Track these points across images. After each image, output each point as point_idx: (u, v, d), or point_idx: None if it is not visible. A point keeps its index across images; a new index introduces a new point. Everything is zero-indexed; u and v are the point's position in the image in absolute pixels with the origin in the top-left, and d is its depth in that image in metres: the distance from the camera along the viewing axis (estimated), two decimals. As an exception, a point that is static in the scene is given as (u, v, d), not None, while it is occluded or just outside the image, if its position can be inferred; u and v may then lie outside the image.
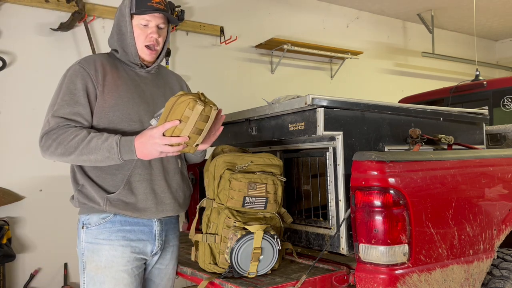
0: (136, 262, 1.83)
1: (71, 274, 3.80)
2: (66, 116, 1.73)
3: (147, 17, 1.84)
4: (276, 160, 2.02)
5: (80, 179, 1.82)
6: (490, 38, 7.82)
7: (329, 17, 5.82)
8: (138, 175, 1.80)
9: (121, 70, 1.89)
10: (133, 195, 1.79)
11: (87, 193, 1.80)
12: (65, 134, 1.70)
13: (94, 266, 1.78)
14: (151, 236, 1.87)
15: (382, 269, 1.71)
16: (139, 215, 1.81)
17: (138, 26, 1.85)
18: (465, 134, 2.51)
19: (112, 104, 1.79)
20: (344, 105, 1.98)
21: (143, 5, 1.83)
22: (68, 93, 1.76)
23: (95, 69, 1.81)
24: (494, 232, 2.01)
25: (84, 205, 1.82)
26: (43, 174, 3.72)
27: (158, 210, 1.84)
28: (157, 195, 1.84)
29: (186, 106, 1.60)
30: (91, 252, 1.79)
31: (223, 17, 4.89)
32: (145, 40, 1.86)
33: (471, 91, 4.07)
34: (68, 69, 1.84)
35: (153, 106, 1.87)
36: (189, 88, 2.17)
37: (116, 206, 1.77)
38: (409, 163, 1.81)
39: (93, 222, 1.81)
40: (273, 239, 1.85)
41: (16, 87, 3.68)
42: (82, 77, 1.78)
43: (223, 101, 4.70)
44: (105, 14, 4.08)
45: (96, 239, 1.79)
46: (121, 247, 1.79)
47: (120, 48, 1.89)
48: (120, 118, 1.79)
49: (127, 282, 1.78)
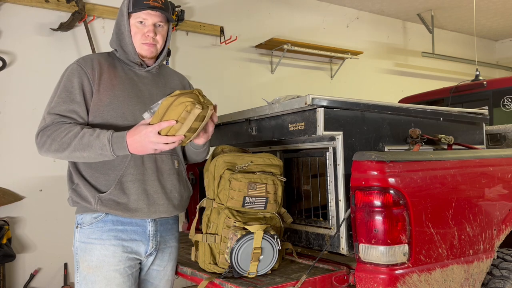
0: (129, 261, 1.82)
1: (71, 274, 3.79)
2: (62, 113, 1.75)
3: (142, 15, 1.84)
4: (276, 160, 2.02)
5: (75, 178, 1.82)
6: (490, 38, 7.82)
7: (329, 17, 5.82)
8: (131, 175, 1.79)
9: (119, 69, 1.89)
10: (125, 195, 1.78)
11: (81, 192, 1.80)
12: (59, 130, 1.71)
13: (86, 266, 1.78)
14: (145, 236, 1.86)
15: (382, 269, 1.71)
16: (131, 215, 1.80)
17: (135, 25, 1.86)
18: (465, 134, 2.51)
19: (107, 102, 1.79)
20: (344, 105, 1.98)
21: (140, 3, 1.83)
22: (65, 90, 1.78)
23: (92, 67, 1.82)
24: (494, 232, 2.01)
25: (78, 204, 1.83)
26: (43, 174, 3.72)
27: (150, 211, 1.83)
28: (149, 196, 1.82)
29: (183, 109, 1.62)
30: (83, 252, 1.80)
31: (223, 17, 4.89)
32: (142, 38, 1.86)
33: (471, 91, 4.07)
34: (67, 68, 1.85)
35: (150, 105, 1.86)
36: (192, 88, 2.16)
37: (107, 206, 1.77)
38: (409, 163, 1.81)
39: (86, 222, 1.81)
40: (273, 239, 1.85)
41: (16, 87, 3.68)
42: (79, 75, 1.80)
43: (223, 101, 4.74)
44: (105, 14, 4.08)
45: (88, 239, 1.80)
46: (113, 247, 1.78)
47: (119, 47, 1.90)
48: (114, 117, 1.79)
49: (118, 281, 1.78)
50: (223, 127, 2.57)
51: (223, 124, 2.57)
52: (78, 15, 3.83)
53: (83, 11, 3.87)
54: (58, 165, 3.63)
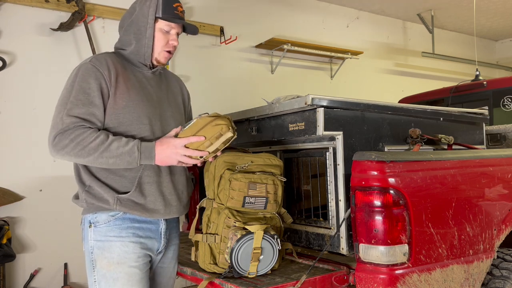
0: (145, 258, 1.84)
1: (71, 274, 3.80)
2: (81, 116, 1.72)
3: (172, 24, 1.89)
4: (276, 160, 2.02)
5: (86, 179, 1.81)
6: (490, 38, 7.82)
7: (329, 17, 5.81)
8: (148, 177, 1.81)
9: (129, 71, 1.87)
10: (143, 196, 1.80)
11: (95, 193, 1.79)
12: (84, 135, 1.69)
13: (106, 263, 1.78)
14: (158, 234, 1.88)
15: (382, 269, 1.71)
16: (148, 215, 1.82)
17: (161, 31, 1.88)
18: (465, 134, 2.51)
19: (123, 105, 1.78)
20: (344, 105, 1.98)
21: (170, 11, 1.86)
22: (82, 92, 1.74)
23: (108, 69, 1.79)
24: (494, 232, 2.01)
25: (92, 205, 1.82)
26: (43, 174, 3.72)
27: (166, 212, 1.86)
28: (165, 197, 1.85)
29: (219, 130, 1.76)
30: (101, 250, 1.79)
31: (223, 17, 4.89)
32: (166, 46, 1.90)
33: (471, 91, 4.07)
34: (79, 66, 1.81)
35: (159, 109, 1.88)
36: (188, 91, 2.18)
37: (126, 206, 1.78)
38: (409, 163, 1.81)
39: (101, 220, 1.80)
40: (273, 239, 1.85)
41: (16, 87, 3.68)
42: (96, 77, 1.76)
43: (223, 101, 4.75)
44: (105, 14, 4.08)
45: (106, 236, 1.79)
46: (132, 243, 1.80)
47: (134, 47, 1.88)
48: (130, 120, 1.79)
49: (139, 277, 1.79)
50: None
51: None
52: (78, 15, 3.82)
53: (83, 11, 3.87)
54: (58, 165, 3.63)
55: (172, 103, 1.97)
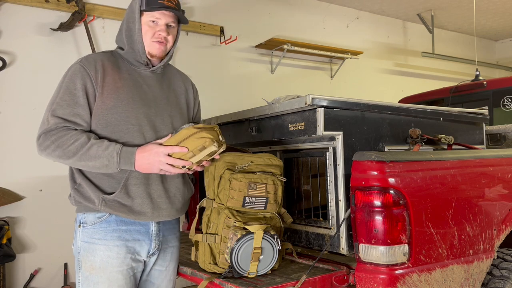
0: (132, 263, 1.82)
1: (71, 274, 3.79)
2: (65, 117, 1.72)
3: (156, 14, 1.83)
4: (276, 160, 2.02)
5: (77, 178, 1.81)
6: (490, 38, 7.82)
7: (329, 17, 5.81)
8: (135, 178, 1.79)
9: (123, 70, 1.86)
10: (130, 198, 1.78)
11: (84, 192, 1.79)
12: (65, 138, 1.69)
13: (89, 266, 1.78)
14: (148, 236, 1.86)
15: (382, 269, 1.71)
16: (135, 217, 1.80)
17: (147, 23, 1.84)
18: (465, 134, 2.51)
19: (111, 106, 1.77)
20: (344, 105, 1.98)
21: (154, 2, 1.82)
22: (68, 92, 1.75)
23: (95, 69, 1.79)
24: (494, 232, 2.01)
25: (80, 204, 1.82)
26: (43, 174, 3.72)
27: (154, 215, 1.83)
28: (153, 200, 1.82)
29: (202, 144, 1.72)
30: (86, 252, 1.79)
31: (223, 17, 4.89)
32: (153, 37, 1.84)
33: (471, 91, 4.07)
34: (70, 67, 1.82)
35: (154, 109, 1.85)
36: (196, 90, 2.13)
37: (111, 207, 1.77)
38: (409, 163, 1.81)
39: (89, 221, 1.80)
40: (273, 239, 1.85)
41: (16, 87, 3.68)
42: (82, 76, 1.77)
43: (223, 101, 4.75)
44: (105, 14, 4.08)
45: (91, 239, 1.79)
46: (116, 248, 1.78)
47: (127, 45, 1.87)
48: (118, 120, 1.77)
49: (121, 283, 1.78)
50: (223, 127, 2.57)
51: (223, 124, 2.57)
52: (78, 15, 3.82)
53: (83, 11, 3.87)
54: (58, 165, 3.59)
55: (173, 103, 1.94)
